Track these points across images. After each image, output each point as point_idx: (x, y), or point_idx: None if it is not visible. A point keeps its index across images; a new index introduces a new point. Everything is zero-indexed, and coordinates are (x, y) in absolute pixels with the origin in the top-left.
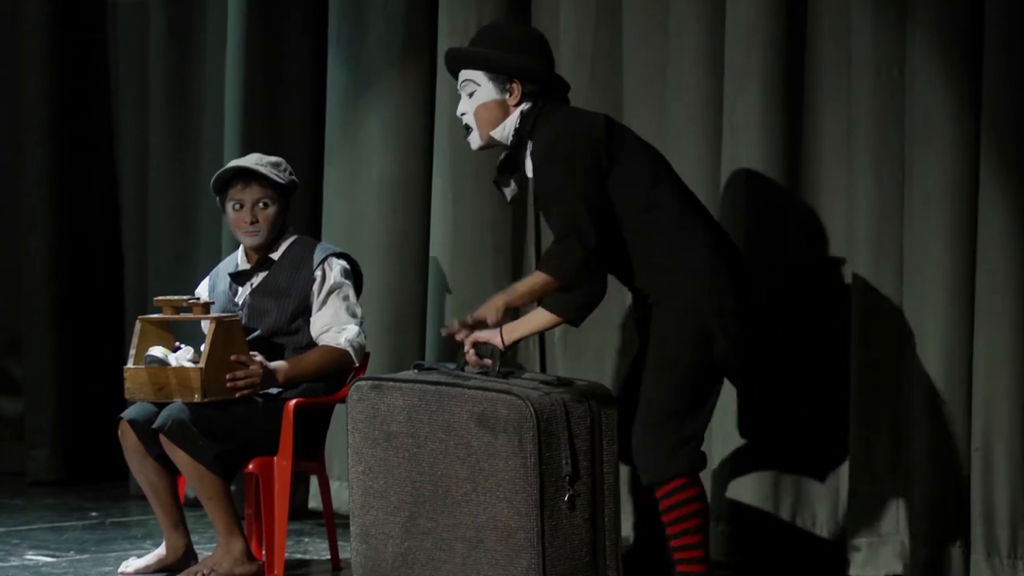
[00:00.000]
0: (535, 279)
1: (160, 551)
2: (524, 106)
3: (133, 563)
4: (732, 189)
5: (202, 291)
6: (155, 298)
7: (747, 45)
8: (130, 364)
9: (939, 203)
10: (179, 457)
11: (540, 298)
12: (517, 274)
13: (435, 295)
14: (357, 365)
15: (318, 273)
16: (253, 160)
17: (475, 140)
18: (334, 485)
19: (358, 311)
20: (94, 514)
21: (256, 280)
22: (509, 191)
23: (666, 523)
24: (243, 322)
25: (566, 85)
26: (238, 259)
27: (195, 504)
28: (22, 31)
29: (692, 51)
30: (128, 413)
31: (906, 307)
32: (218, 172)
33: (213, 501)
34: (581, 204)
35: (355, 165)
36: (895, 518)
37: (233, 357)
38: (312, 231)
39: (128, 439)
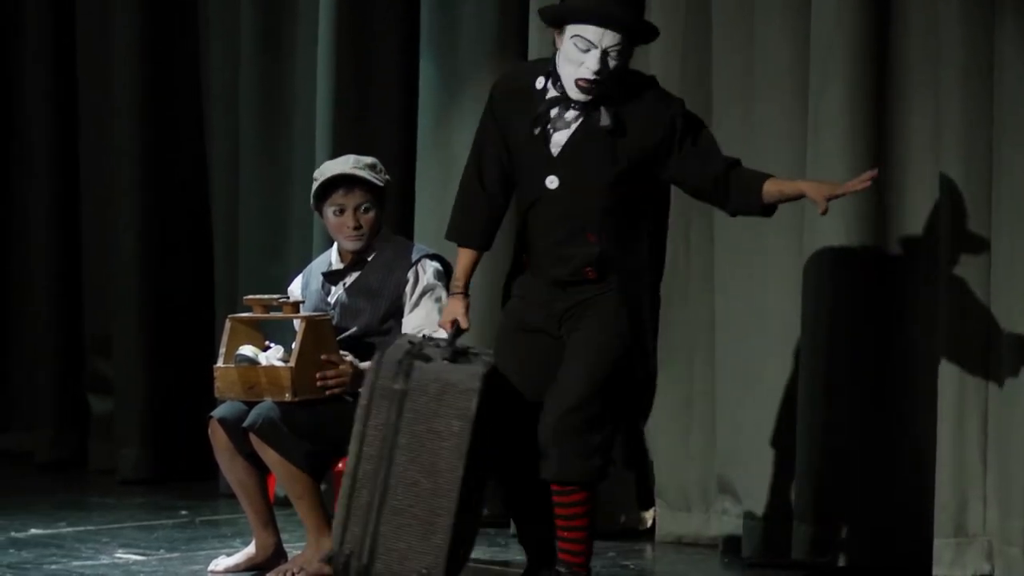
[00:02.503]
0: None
1: (249, 549)
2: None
3: (223, 562)
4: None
5: (295, 289)
6: (245, 297)
7: (832, 43)
8: (220, 363)
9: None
10: (269, 456)
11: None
12: None
13: None
14: None
15: (411, 275)
16: (351, 163)
17: (584, 95)
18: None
19: None
20: (184, 512)
21: (349, 280)
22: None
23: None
24: (335, 321)
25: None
26: (331, 258)
27: (285, 503)
28: (115, 30)
29: (778, 49)
30: (218, 412)
31: (994, 307)
32: (321, 180)
33: (303, 500)
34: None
35: (447, 166)
36: (982, 517)
37: (323, 356)
38: (404, 231)
39: (218, 438)
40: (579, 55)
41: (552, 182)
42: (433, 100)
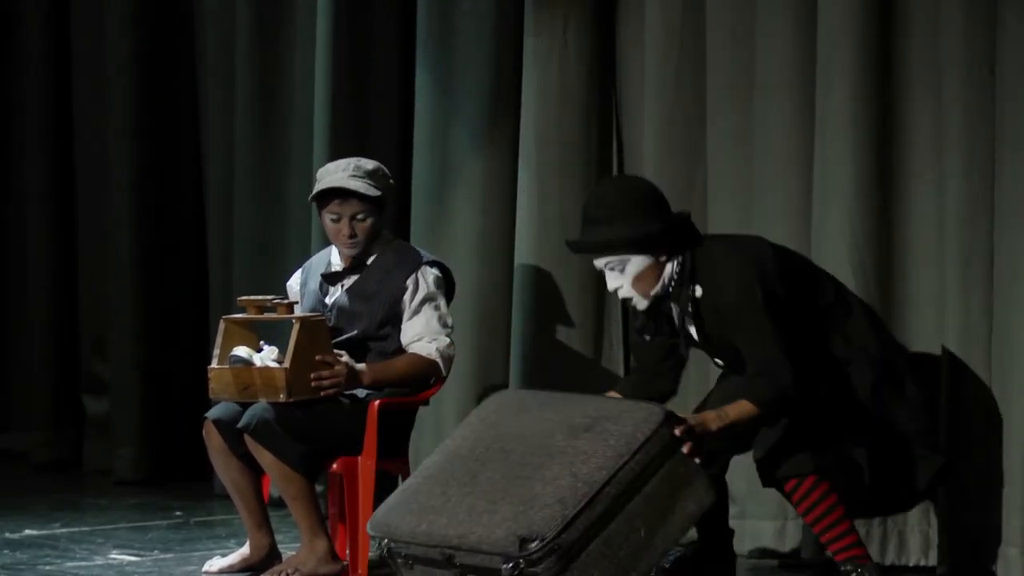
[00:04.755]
0: (743, 407)
1: (244, 550)
2: (677, 257)
3: (217, 562)
4: (823, 190)
5: (293, 282)
6: (239, 298)
7: (837, 45)
8: (214, 364)
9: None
10: (264, 457)
11: (744, 424)
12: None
13: (521, 295)
14: (445, 376)
15: (410, 282)
16: (350, 171)
17: (641, 303)
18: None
19: (449, 321)
20: (178, 513)
21: (348, 282)
22: (650, 336)
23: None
24: (331, 323)
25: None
26: (331, 258)
27: (279, 504)
28: (110, 29)
29: (781, 51)
30: (213, 413)
31: (996, 307)
32: (316, 190)
33: (297, 501)
34: (775, 344)
35: (442, 166)
36: (988, 520)
37: (318, 357)
38: (400, 229)
39: (213, 439)
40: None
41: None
42: (430, 100)
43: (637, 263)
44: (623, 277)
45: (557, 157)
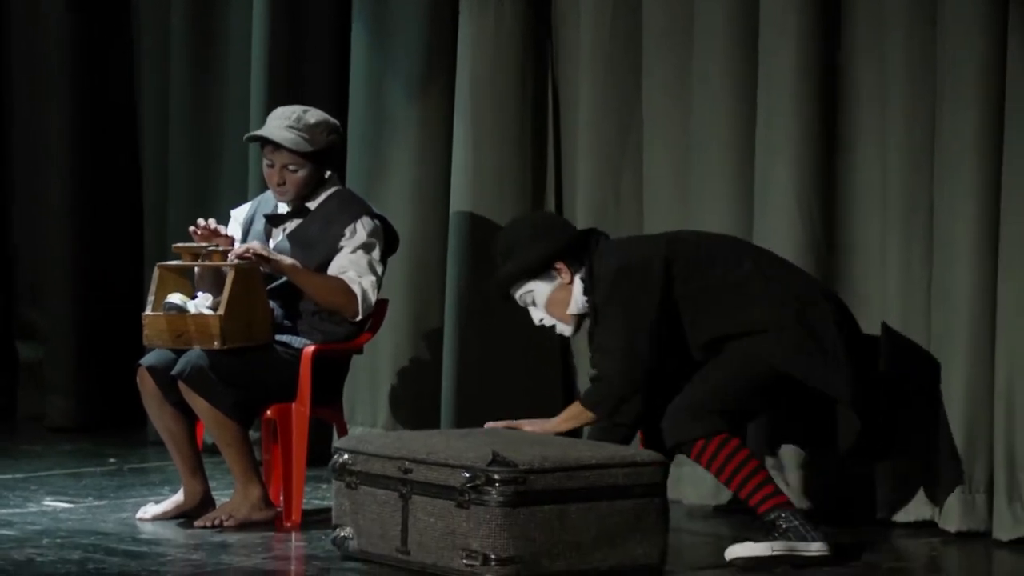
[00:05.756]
0: (574, 411)
1: (178, 497)
2: (579, 273)
3: (151, 509)
4: (766, 143)
5: (238, 213)
6: (174, 245)
7: (783, 3)
8: (148, 311)
9: (966, 156)
10: (197, 403)
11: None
12: None
13: (455, 244)
14: (359, 317)
15: (348, 230)
16: (292, 121)
17: (566, 330)
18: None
19: (379, 269)
20: (112, 460)
21: (290, 226)
22: None
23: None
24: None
25: (593, 229)
26: (277, 200)
27: (213, 450)
28: None
29: (722, 1)
30: (146, 360)
31: (936, 258)
32: (252, 133)
33: (231, 447)
34: (623, 339)
35: (378, 117)
36: (925, 464)
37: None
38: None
39: (146, 385)
40: None
41: None
42: (365, 52)
43: (542, 289)
44: (539, 309)
45: (492, 108)
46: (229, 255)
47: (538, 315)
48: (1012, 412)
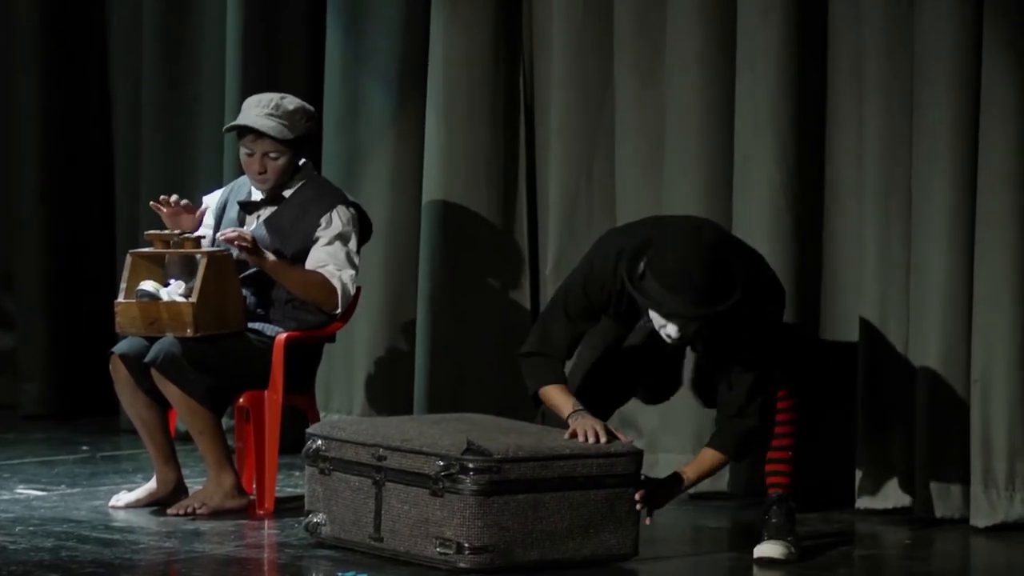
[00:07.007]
0: (710, 457)
1: (151, 485)
2: None
3: (124, 497)
4: (745, 125)
5: (211, 199)
6: (146, 232)
7: None
8: (121, 298)
9: (943, 136)
10: (170, 391)
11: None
12: (510, 208)
13: (429, 231)
14: (340, 311)
15: (324, 220)
16: (270, 108)
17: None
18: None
19: (356, 261)
20: (85, 448)
21: (264, 213)
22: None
23: None
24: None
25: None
26: (252, 187)
27: (186, 438)
28: None
29: None
30: (119, 347)
31: (914, 239)
32: (232, 123)
33: (204, 435)
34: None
35: (352, 103)
36: (902, 451)
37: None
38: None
39: (119, 373)
40: (660, 320)
41: None
42: (340, 37)
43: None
44: (691, 335)
45: (465, 93)
46: (218, 236)
47: (676, 334)
48: (988, 399)
